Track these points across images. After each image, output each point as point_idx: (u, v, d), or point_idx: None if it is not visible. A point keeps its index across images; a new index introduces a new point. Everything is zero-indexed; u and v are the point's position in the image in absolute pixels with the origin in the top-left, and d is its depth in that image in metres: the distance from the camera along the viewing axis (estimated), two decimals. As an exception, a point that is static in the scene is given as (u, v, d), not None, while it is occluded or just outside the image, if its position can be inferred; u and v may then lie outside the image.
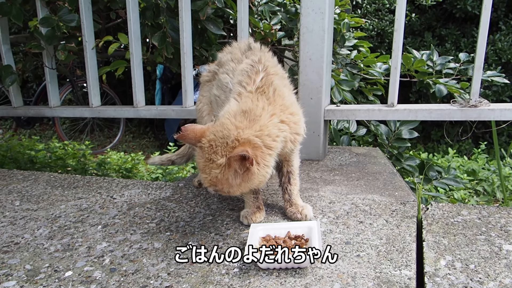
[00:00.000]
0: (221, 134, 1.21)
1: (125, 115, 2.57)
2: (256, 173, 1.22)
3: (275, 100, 1.32)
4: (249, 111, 1.25)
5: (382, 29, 5.91)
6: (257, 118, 1.24)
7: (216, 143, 1.20)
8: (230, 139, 1.19)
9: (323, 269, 1.15)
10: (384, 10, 6.10)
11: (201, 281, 1.12)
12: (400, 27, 1.93)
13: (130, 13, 2.30)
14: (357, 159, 2.20)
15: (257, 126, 1.23)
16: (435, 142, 5.85)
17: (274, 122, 1.28)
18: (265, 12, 2.74)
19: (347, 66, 2.98)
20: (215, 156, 1.19)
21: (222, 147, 1.19)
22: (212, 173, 1.20)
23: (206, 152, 1.20)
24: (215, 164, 1.19)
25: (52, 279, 1.16)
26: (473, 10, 5.52)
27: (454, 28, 5.76)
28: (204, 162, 1.21)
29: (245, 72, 1.39)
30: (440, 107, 1.95)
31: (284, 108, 1.33)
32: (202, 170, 1.22)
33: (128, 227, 1.48)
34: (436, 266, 1.14)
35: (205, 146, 1.21)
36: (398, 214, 1.47)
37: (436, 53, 2.94)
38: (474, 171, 3.83)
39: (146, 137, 6.73)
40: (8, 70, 2.57)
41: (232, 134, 1.20)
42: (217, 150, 1.19)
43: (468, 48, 5.56)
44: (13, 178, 2.11)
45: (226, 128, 1.21)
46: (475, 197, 3.42)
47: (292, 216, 1.47)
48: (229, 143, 1.19)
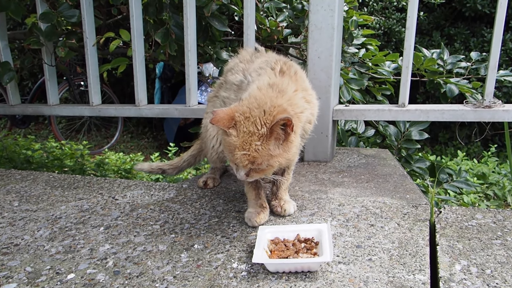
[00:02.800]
0: (256, 104, 1.23)
1: (127, 114, 2.57)
2: (293, 141, 1.27)
3: (297, 80, 1.39)
4: (276, 84, 1.31)
5: (389, 27, 5.91)
6: (284, 90, 1.30)
7: (252, 114, 1.22)
8: (267, 106, 1.22)
9: (334, 273, 1.14)
10: (391, 8, 6.10)
11: (208, 284, 1.12)
12: (412, 25, 1.93)
13: (132, 8, 2.30)
14: (366, 160, 2.20)
15: (286, 96, 1.29)
16: (443, 145, 5.85)
17: (299, 96, 1.34)
18: (271, 9, 2.74)
19: (355, 65, 2.98)
20: (255, 127, 1.21)
21: (260, 117, 1.21)
22: (253, 145, 1.21)
23: (244, 126, 1.21)
24: (255, 136, 1.21)
25: (54, 282, 1.16)
26: (483, 9, 5.52)
27: (463, 27, 5.76)
28: (243, 137, 1.21)
29: (264, 62, 1.47)
30: (453, 107, 1.95)
31: (305, 89, 1.41)
32: (240, 147, 1.22)
33: (131, 228, 1.48)
34: (451, 271, 1.14)
35: (241, 120, 1.22)
36: (410, 217, 1.47)
37: (447, 52, 2.94)
38: (484, 174, 3.82)
39: (145, 138, 6.73)
40: (6, 67, 2.57)
41: (267, 102, 1.23)
42: (256, 121, 1.21)
43: (477, 48, 5.56)
44: (11, 178, 2.11)
45: (259, 99, 1.25)
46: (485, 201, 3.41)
47: (273, 209, 1.52)
48: (266, 110, 1.21)
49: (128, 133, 6.84)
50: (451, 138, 5.83)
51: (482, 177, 3.79)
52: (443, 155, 5.29)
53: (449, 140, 5.83)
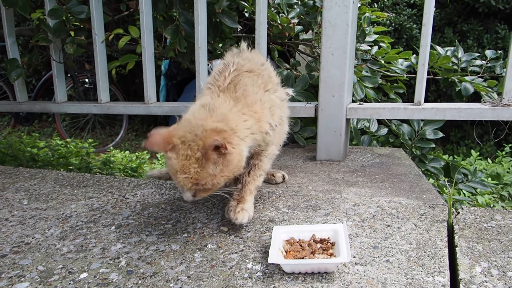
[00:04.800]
0: (189, 128, 1.26)
1: (136, 111, 2.58)
2: (233, 153, 1.29)
3: (238, 97, 1.41)
4: (207, 104, 1.35)
5: (400, 24, 5.89)
6: (216, 108, 1.33)
7: (187, 138, 1.25)
8: (199, 130, 1.25)
9: (351, 274, 1.15)
10: (402, 4, 6.08)
11: (223, 285, 1.13)
12: (429, 22, 1.92)
13: (142, 4, 2.30)
14: (380, 160, 2.20)
15: (217, 113, 1.32)
16: (455, 144, 5.83)
17: (234, 111, 1.36)
18: (282, 5, 2.74)
19: (367, 62, 2.97)
20: (191, 151, 1.24)
21: (193, 141, 1.24)
22: (192, 169, 1.24)
23: (182, 149, 1.25)
24: (193, 159, 1.24)
25: (67, 281, 1.17)
26: (497, 4, 5.48)
27: (476, 24, 5.72)
28: (182, 161, 1.25)
29: (213, 74, 1.52)
30: (470, 106, 1.94)
31: (247, 105, 1.41)
32: (181, 171, 1.25)
33: (143, 228, 1.49)
34: (471, 273, 1.14)
35: (178, 143, 1.26)
36: (427, 218, 1.47)
37: (461, 50, 2.93)
38: (498, 175, 3.81)
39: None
40: (14, 64, 2.59)
41: (199, 125, 1.26)
42: (191, 145, 1.24)
43: (491, 45, 5.53)
44: (19, 176, 2.13)
45: (192, 122, 1.28)
46: (500, 202, 3.40)
47: (225, 210, 1.47)
48: (198, 134, 1.24)
49: (132, 131, 6.86)
50: (463, 137, 5.80)
51: (496, 178, 3.78)
52: (455, 154, 5.27)
53: (461, 139, 5.80)
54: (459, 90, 2.69)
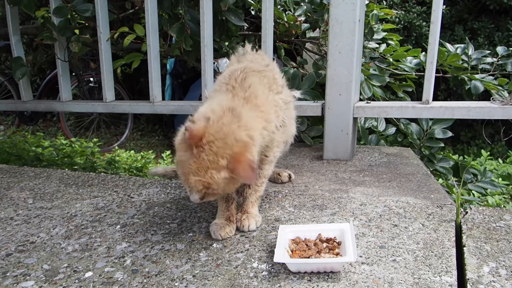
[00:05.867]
0: (222, 134, 1.21)
1: (141, 110, 2.60)
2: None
3: (250, 99, 1.37)
4: (232, 109, 1.29)
5: (409, 21, 5.87)
6: (241, 116, 1.28)
7: (216, 144, 1.20)
8: (231, 139, 1.21)
9: (358, 274, 1.15)
10: (411, 2, 6.06)
11: (228, 284, 1.14)
12: (437, 19, 1.92)
13: (147, 2, 2.32)
14: (388, 159, 2.20)
15: (243, 121, 1.27)
16: (465, 144, 5.80)
17: (252, 116, 1.33)
18: (288, 3, 2.75)
19: (375, 60, 2.97)
20: (215, 157, 1.19)
21: (222, 148, 1.20)
22: (209, 174, 1.19)
23: (205, 152, 1.19)
24: (214, 165, 1.19)
25: (72, 280, 1.19)
26: (509, 1, 5.45)
27: (488, 21, 5.70)
28: (200, 163, 1.20)
29: (228, 76, 1.46)
30: (480, 104, 1.94)
31: (257, 105, 1.38)
32: (195, 173, 1.20)
33: (148, 227, 1.50)
34: (479, 273, 1.14)
35: (203, 145, 1.20)
36: (435, 218, 1.47)
37: (472, 47, 2.92)
38: (509, 175, 3.80)
39: (155, 135, 6.77)
40: (19, 62, 2.62)
41: (229, 133, 1.21)
42: (218, 151, 1.19)
43: (502, 43, 5.50)
44: (24, 175, 2.15)
45: (225, 126, 1.23)
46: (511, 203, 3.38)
47: (237, 223, 1.47)
48: (229, 143, 1.20)
49: (138, 131, 6.88)
50: (474, 137, 5.78)
51: (507, 178, 3.76)
52: (465, 154, 5.25)
53: (471, 139, 5.78)
54: (469, 89, 2.69)
